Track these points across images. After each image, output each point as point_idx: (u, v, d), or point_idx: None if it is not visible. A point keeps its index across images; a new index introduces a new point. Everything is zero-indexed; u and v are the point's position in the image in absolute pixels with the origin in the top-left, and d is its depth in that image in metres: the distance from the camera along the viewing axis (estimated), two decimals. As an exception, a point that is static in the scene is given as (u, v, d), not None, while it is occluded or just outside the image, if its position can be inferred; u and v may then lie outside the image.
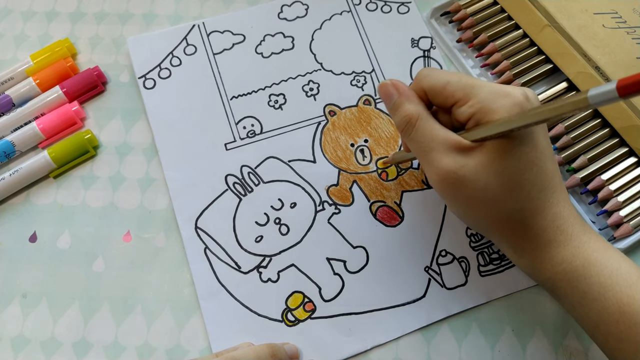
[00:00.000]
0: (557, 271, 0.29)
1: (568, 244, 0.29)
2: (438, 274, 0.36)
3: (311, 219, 0.38)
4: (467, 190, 0.28)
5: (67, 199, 0.39)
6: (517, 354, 0.34)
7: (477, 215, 0.30)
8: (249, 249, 0.37)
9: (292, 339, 0.35)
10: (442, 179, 0.29)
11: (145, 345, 0.35)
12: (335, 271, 0.37)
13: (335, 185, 0.39)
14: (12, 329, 0.36)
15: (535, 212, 0.28)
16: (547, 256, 0.29)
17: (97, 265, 0.37)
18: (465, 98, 0.28)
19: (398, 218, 0.38)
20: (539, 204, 0.28)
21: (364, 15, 0.45)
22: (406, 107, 0.30)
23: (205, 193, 0.39)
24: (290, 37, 0.44)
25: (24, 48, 0.45)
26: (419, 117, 0.30)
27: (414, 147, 0.30)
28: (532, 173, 0.28)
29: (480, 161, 0.28)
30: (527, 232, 0.29)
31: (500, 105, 0.27)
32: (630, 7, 0.41)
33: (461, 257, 0.37)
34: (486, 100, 0.27)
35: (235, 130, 0.41)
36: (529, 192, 0.28)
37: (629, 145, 0.38)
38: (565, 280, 0.29)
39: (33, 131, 0.40)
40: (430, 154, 0.29)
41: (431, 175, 0.29)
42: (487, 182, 0.28)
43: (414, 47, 0.44)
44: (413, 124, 0.30)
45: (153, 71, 0.42)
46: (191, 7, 0.46)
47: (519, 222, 0.29)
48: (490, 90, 0.28)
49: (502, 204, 0.28)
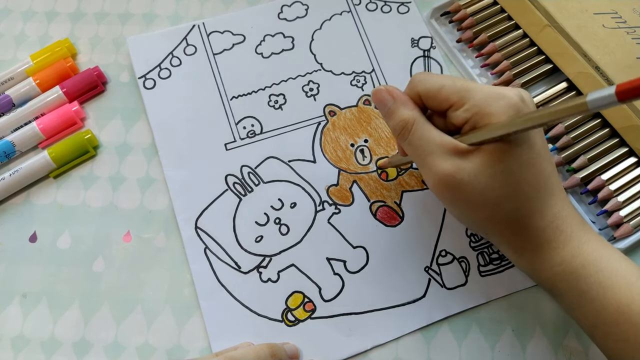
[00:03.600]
0: (557, 271, 0.29)
1: (567, 244, 0.29)
2: (438, 274, 0.36)
3: (311, 219, 0.38)
4: (465, 193, 0.28)
5: (67, 199, 0.39)
6: (517, 354, 0.34)
7: (476, 216, 0.30)
8: (249, 249, 0.37)
9: (292, 339, 0.35)
10: (440, 182, 0.29)
11: (145, 345, 0.35)
12: (335, 271, 0.37)
13: (335, 185, 0.39)
14: (12, 329, 0.36)
15: (533, 212, 0.28)
16: (546, 256, 0.29)
17: (97, 265, 0.37)
18: (461, 101, 0.28)
19: (398, 218, 0.38)
20: (537, 204, 0.28)
21: (364, 15, 0.45)
22: (402, 112, 0.30)
23: (205, 193, 0.39)
24: (290, 38, 0.44)
25: (24, 48, 0.45)
26: (415, 121, 0.30)
27: (411, 151, 0.30)
28: (529, 174, 0.28)
29: (477, 164, 0.28)
30: (525, 232, 0.29)
31: (496, 108, 0.27)
32: (630, 7, 0.41)
33: (461, 257, 0.37)
34: (482, 104, 0.28)
35: (235, 130, 0.41)
36: (526, 192, 0.28)
37: (629, 145, 0.38)
38: (565, 281, 0.29)
39: (33, 131, 0.40)
40: (427, 157, 0.29)
41: (429, 179, 0.30)
42: (486, 185, 0.28)
43: (414, 47, 0.44)
44: (409, 128, 0.30)
45: (153, 71, 0.42)
46: (191, 7, 0.46)
47: (518, 223, 0.29)
48: (485, 93, 0.28)
49: (500, 206, 0.28)
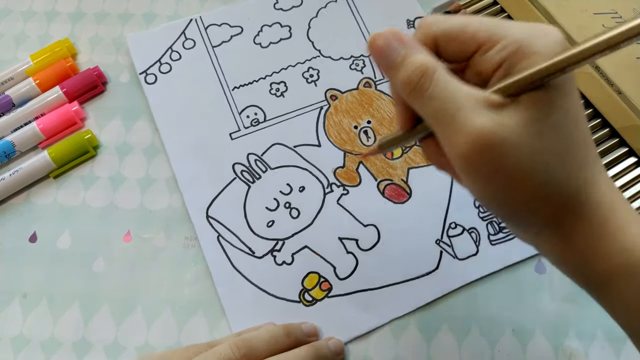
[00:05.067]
0: (617, 263, 0.22)
1: (626, 229, 0.22)
2: (449, 245, 0.37)
3: (320, 201, 0.39)
4: (510, 158, 0.21)
5: (67, 199, 0.39)
6: (517, 354, 0.34)
7: (520, 192, 0.22)
8: (261, 234, 0.38)
9: (311, 318, 0.35)
10: (477, 145, 0.21)
11: (145, 345, 0.35)
12: (348, 250, 0.37)
13: (342, 167, 0.40)
14: (12, 329, 0.36)
15: (587, 182, 0.22)
16: (602, 243, 0.22)
17: (97, 265, 0.37)
18: (492, 40, 0.22)
19: (406, 195, 0.39)
20: (589, 171, 0.22)
21: (359, 0, 0.45)
22: (418, 56, 0.23)
23: (214, 182, 0.39)
24: (288, 27, 0.45)
25: (24, 48, 0.45)
26: (435, 65, 0.23)
27: (432, 109, 0.23)
28: (580, 131, 0.22)
29: (521, 119, 0.21)
30: (579, 209, 0.22)
31: (542, 46, 0.21)
32: (630, 7, 0.41)
33: (471, 227, 0.37)
34: (523, 40, 0.21)
35: (239, 120, 0.41)
36: (582, 155, 0.22)
37: (629, 145, 0.38)
38: (626, 275, 0.22)
39: (33, 131, 0.40)
40: (457, 114, 0.22)
41: (460, 144, 0.22)
42: (534, 145, 0.21)
43: (410, 28, 0.45)
44: (430, 75, 0.22)
45: (154, 66, 0.43)
46: (191, 7, 0.46)
47: (572, 197, 0.22)
48: (524, 29, 0.22)
49: (552, 173, 0.22)
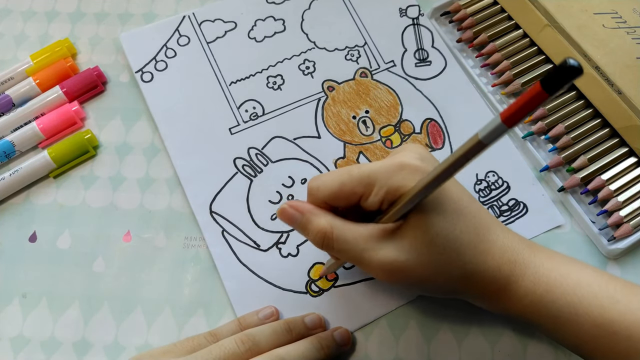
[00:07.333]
0: (525, 304, 0.28)
1: (525, 274, 0.28)
2: None
3: None
4: (415, 271, 0.28)
5: (67, 199, 0.39)
6: (517, 354, 0.34)
7: (436, 286, 0.29)
8: (265, 227, 0.38)
9: (319, 309, 0.35)
10: (387, 272, 0.28)
11: (145, 345, 0.35)
12: None
13: (343, 157, 0.40)
14: (12, 329, 0.36)
15: (482, 256, 0.28)
16: (511, 293, 0.28)
17: (97, 265, 0.37)
18: (368, 189, 0.28)
19: None
20: (483, 247, 0.28)
21: None
22: (315, 223, 0.29)
23: (216, 178, 0.39)
24: (281, 20, 0.45)
25: (24, 48, 0.45)
26: (332, 227, 0.28)
27: (343, 256, 0.30)
28: (463, 223, 0.28)
29: (411, 237, 0.27)
30: (484, 278, 0.28)
31: (401, 179, 0.27)
32: (630, 7, 0.41)
33: None
34: (387, 182, 0.27)
35: (238, 114, 0.41)
36: (469, 242, 0.28)
37: (629, 145, 0.38)
38: (535, 311, 0.28)
39: (33, 131, 0.40)
40: (363, 255, 0.28)
41: (376, 273, 0.29)
42: (429, 253, 0.27)
43: (402, 17, 0.45)
44: (330, 236, 0.28)
45: (149, 64, 0.43)
46: (191, 7, 0.46)
47: (474, 274, 0.28)
48: (385, 170, 0.28)
49: (452, 265, 0.28)
